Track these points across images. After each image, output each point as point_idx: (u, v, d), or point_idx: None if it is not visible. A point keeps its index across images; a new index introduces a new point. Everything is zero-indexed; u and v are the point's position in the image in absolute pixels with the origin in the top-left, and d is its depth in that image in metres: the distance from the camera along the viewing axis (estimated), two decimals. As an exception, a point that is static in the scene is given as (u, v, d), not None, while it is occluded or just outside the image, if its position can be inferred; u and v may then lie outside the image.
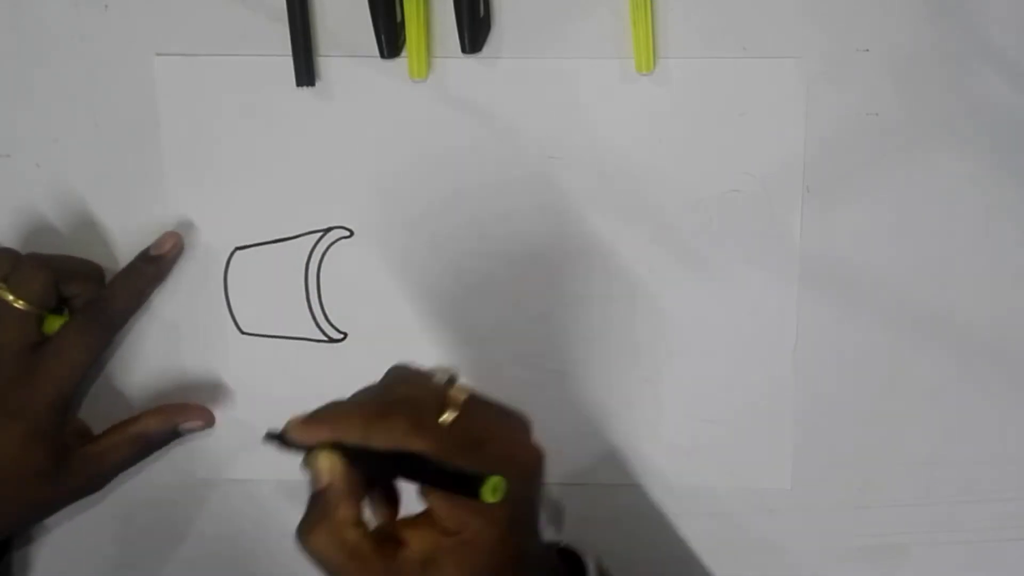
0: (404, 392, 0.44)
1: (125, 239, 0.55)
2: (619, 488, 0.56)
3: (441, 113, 0.53)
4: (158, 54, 0.53)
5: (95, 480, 0.54)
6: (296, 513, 0.57)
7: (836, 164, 0.53)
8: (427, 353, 0.55)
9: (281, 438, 0.44)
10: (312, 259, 0.55)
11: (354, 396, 0.45)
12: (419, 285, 0.55)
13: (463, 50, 0.52)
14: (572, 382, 0.55)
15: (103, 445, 0.53)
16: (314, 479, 0.43)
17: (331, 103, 0.53)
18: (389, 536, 0.42)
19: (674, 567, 0.56)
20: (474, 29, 0.51)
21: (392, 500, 0.47)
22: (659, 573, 0.56)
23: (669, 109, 0.53)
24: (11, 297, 0.50)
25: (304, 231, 0.55)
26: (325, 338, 0.55)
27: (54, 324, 0.52)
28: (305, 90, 0.53)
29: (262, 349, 0.55)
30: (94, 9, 0.53)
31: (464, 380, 0.46)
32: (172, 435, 0.55)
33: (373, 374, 0.55)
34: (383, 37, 0.52)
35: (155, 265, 0.54)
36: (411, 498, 0.44)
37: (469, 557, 0.41)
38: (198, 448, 0.56)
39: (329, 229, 0.55)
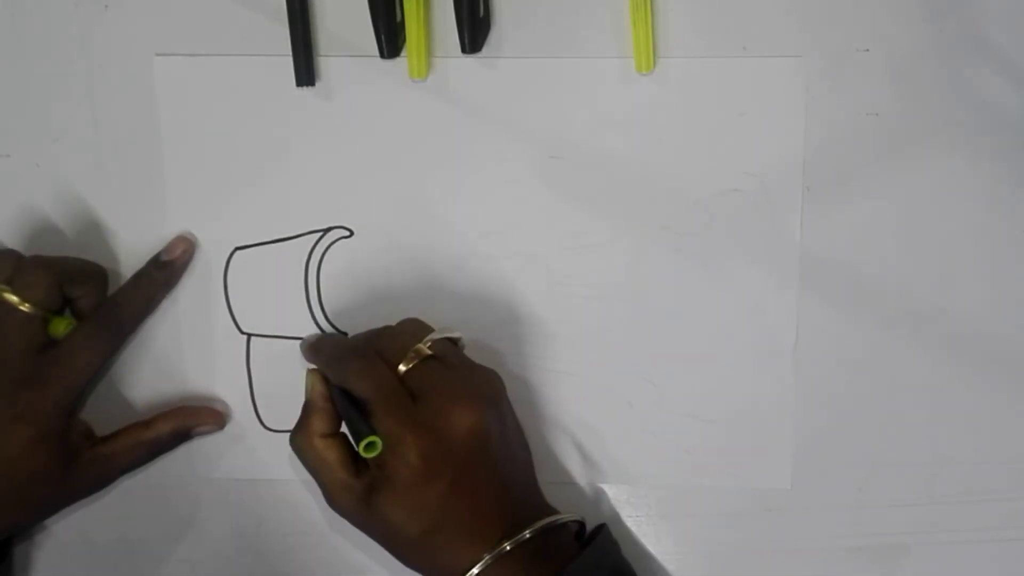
0: (384, 341, 0.50)
1: (126, 239, 0.55)
2: (619, 488, 0.56)
3: (441, 113, 0.53)
4: (158, 54, 0.53)
5: (100, 480, 0.54)
6: (295, 512, 0.57)
7: (836, 164, 0.53)
8: (427, 353, 0.55)
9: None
10: (312, 259, 0.55)
11: (358, 335, 0.53)
12: (419, 285, 0.55)
13: (463, 50, 0.52)
14: (572, 382, 0.55)
15: (113, 448, 0.53)
16: (306, 390, 0.51)
17: (331, 103, 0.53)
18: (365, 460, 0.48)
19: (674, 567, 0.56)
20: (474, 29, 0.51)
21: None
22: (659, 573, 0.56)
23: (669, 109, 0.53)
24: (15, 299, 0.50)
25: (304, 231, 0.55)
26: (325, 338, 0.55)
27: (59, 326, 0.52)
28: (305, 90, 0.53)
29: (262, 349, 0.55)
30: (94, 9, 0.53)
31: (465, 344, 0.52)
32: (184, 438, 0.55)
33: (373, 374, 0.55)
34: (383, 37, 0.52)
35: (166, 271, 0.54)
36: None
37: (391, 490, 0.47)
38: (198, 447, 0.56)
39: (329, 229, 0.55)
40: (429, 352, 0.49)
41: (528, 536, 0.47)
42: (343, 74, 0.53)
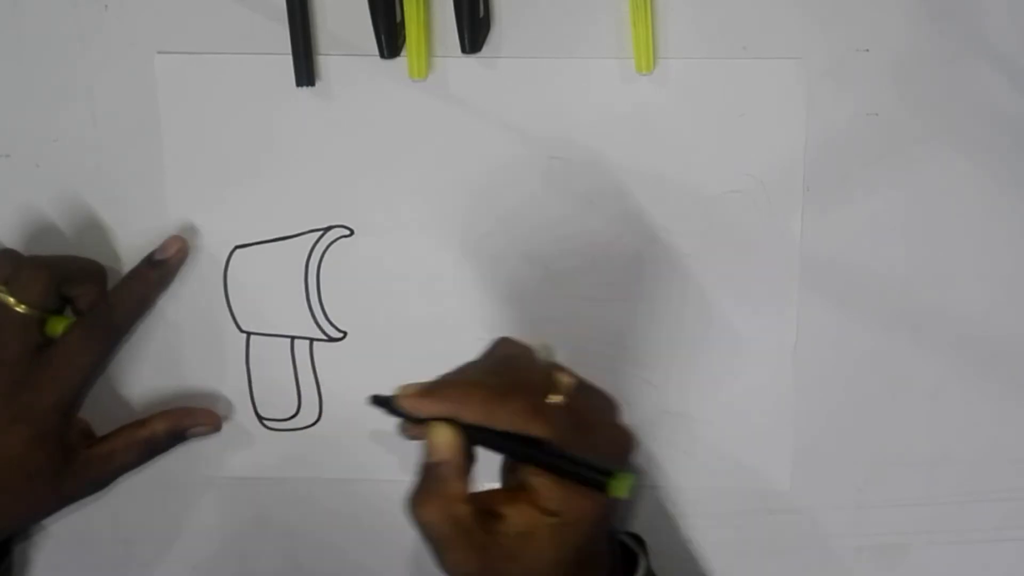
0: (518, 373, 0.45)
1: (126, 239, 0.55)
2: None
3: (441, 113, 0.53)
4: (159, 52, 0.53)
5: (99, 481, 0.54)
6: (295, 512, 0.57)
7: (836, 164, 0.53)
8: (426, 352, 0.55)
9: (388, 404, 0.45)
10: (312, 258, 0.55)
11: (464, 370, 0.46)
12: (419, 285, 0.55)
13: (463, 50, 0.52)
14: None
15: (109, 447, 0.53)
16: (430, 451, 0.44)
17: (331, 103, 0.54)
18: (486, 507, 0.43)
19: (674, 567, 0.56)
20: (474, 29, 0.51)
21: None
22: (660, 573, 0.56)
23: (669, 109, 0.53)
24: (12, 300, 0.50)
25: (304, 230, 0.55)
26: (325, 337, 0.55)
27: (57, 326, 0.52)
28: (305, 90, 0.53)
29: (262, 348, 0.55)
30: (94, 9, 0.53)
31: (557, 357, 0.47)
32: (179, 439, 0.55)
33: (373, 373, 0.55)
34: (383, 37, 0.52)
35: (159, 270, 0.54)
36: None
37: (566, 537, 0.42)
38: (198, 447, 0.56)
39: (329, 228, 0.55)
40: (570, 379, 0.45)
41: None
42: (343, 74, 0.53)
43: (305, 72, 0.53)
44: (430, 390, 0.44)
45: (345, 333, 0.55)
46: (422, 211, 0.54)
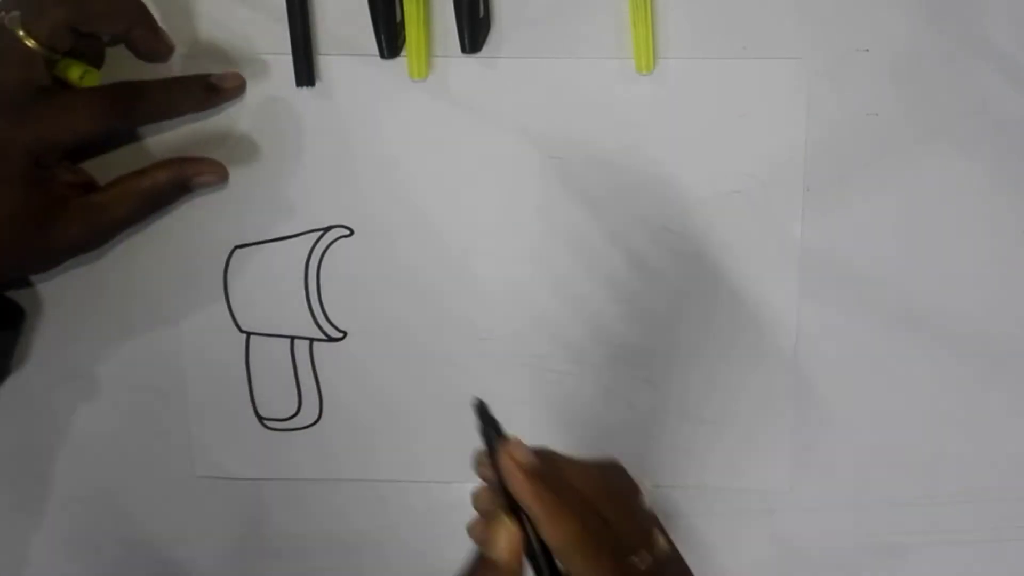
0: (619, 523, 0.41)
1: (124, 237, 0.55)
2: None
3: (441, 113, 0.53)
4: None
5: (97, 233, 0.51)
6: (295, 512, 0.57)
7: (836, 164, 0.53)
8: (426, 352, 0.55)
9: (488, 432, 0.42)
10: (312, 258, 0.55)
11: (572, 485, 0.41)
12: (419, 285, 0.55)
13: (463, 50, 0.52)
14: (572, 382, 0.55)
15: (107, 197, 0.50)
16: (490, 544, 0.41)
17: (331, 103, 0.54)
18: None
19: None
20: (474, 29, 0.51)
21: None
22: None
23: (669, 109, 0.53)
24: (21, 32, 0.46)
25: (304, 230, 0.55)
26: (325, 337, 0.55)
27: (71, 69, 0.49)
28: (305, 90, 0.53)
29: (262, 348, 0.55)
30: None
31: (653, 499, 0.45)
32: (183, 190, 0.52)
33: (373, 373, 0.55)
34: (383, 37, 0.52)
35: (207, 91, 0.51)
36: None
37: None
38: (198, 447, 0.56)
39: (329, 228, 0.55)
40: (667, 545, 0.42)
41: None
42: (343, 74, 0.53)
43: (305, 72, 0.53)
44: (536, 477, 0.40)
45: (345, 333, 0.55)
46: (422, 211, 0.54)
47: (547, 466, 0.41)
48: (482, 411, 0.42)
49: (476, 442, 0.55)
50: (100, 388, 0.56)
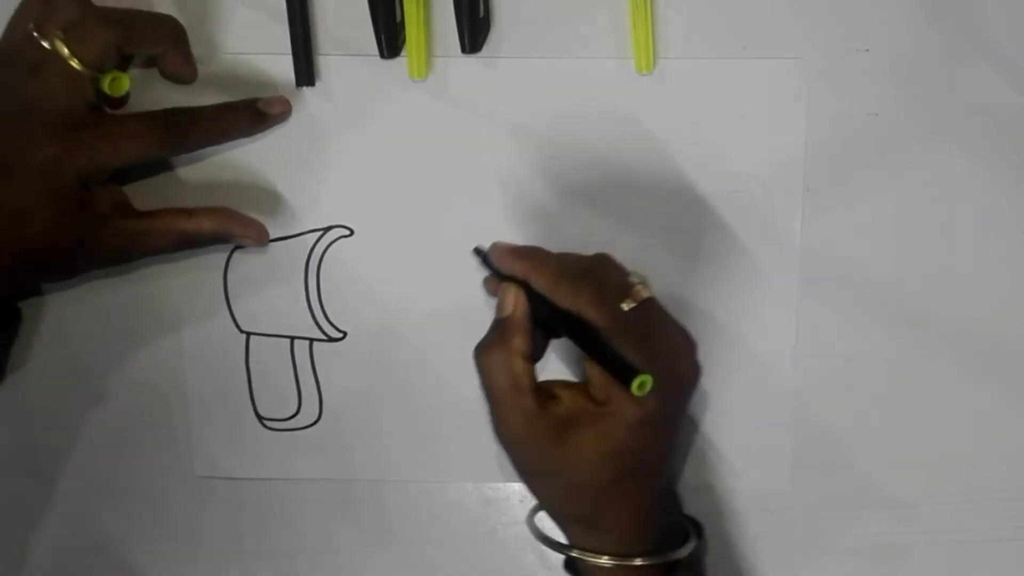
0: (600, 269, 0.49)
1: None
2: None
3: (441, 113, 0.53)
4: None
5: (124, 254, 0.52)
6: (295, 512, 0.57)
7: (836, 164, 0.53)
8: (426, 352, 0.55)
9: (485, 256, 0.50)
10: (312, 258, 0.55)
11: (559, 254, 0.49)
12: (419, 285, 0.55)
13: (463, 50, 0.52)
14: (572, 382, 0.55)
15: (146, 226, 0.51)
16: (500, 307, 0.49)
17: (331, 103, 0.54)
18: (545, 390, 0.48)
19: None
20: (474, 29, 0.51)
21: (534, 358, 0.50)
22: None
23: (669, 109, 0.53)
24: (66, 52, 0.47)
25: (304, 230, 0.55)
26: (325, 337, 0.55)
27: (113, 82, 0.49)
28: (305, 90, 0.53)
29: (262, 348, 0.55)
30: (94, 9, 0.53)
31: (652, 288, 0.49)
32: (222, 241, 0.53)
33: (373, 373, 0.55)
34: (383, 37, 0.52)
35: (255, 117, 0.52)
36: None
37: (608, 431, 0.46)
38: (198, 447, 0.56)
39: (329, 228, 0.55)
40: (648, 294, 0.48)
41: (676, 558, 0.48)
42: (343, 74, 0.53)
43: (305, 72, 0.53)
44: (516, 251, 0.49)
45: (345, 333, 0.55)
46: (422, 211, 0.54)
47: (530, 248, 0.50)
48: (477, 251, 0.51)
49: (475, 443, 0.56)
50: (100, 388, 0.56)
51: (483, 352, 0.48)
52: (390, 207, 0.54)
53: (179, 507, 0.57)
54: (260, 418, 0.56)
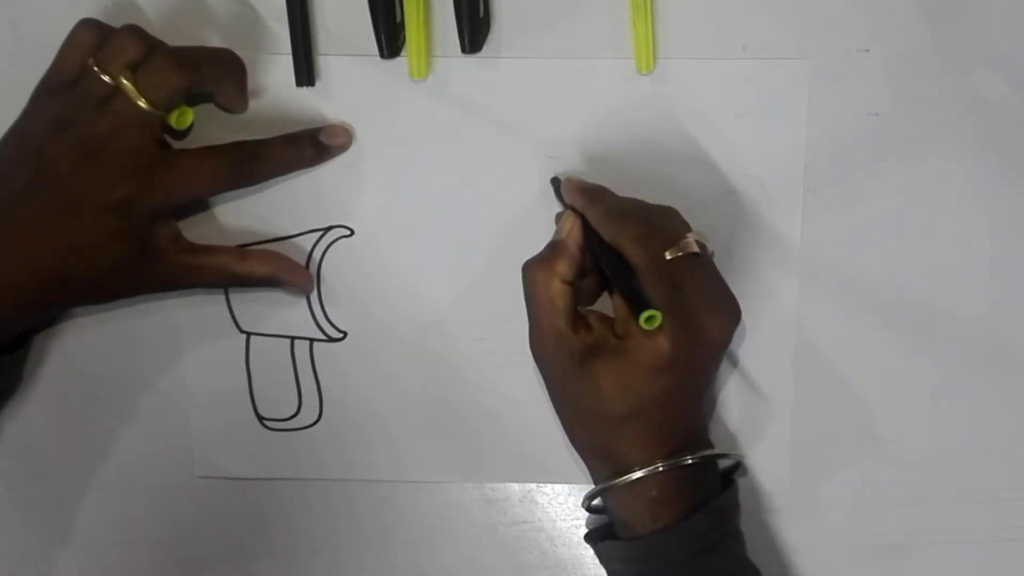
0: (654, 216, 0.50)
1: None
2: (619, 488, 0.56)
3: (441, 113, 0.53)
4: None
5: (172, 284, 0.53)
6: (295, 512, 0.57)
7: (836, 164, 0.53)
8: (426, 352, 0.55)
9: (558, 187, 0.53)
10: (312, 258, 0.55)
11: (623, 197, 0.51)
12: (419, 285, 0.55)
13: (463, 50, 0.52)
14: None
15: (200, 263, 0.52)
16: (557, 230, 0.51)
17: (331, 103, 0.54)
18: (583, 317, 0.50)
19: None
20: (474, 29, 0.51)
21: (590, 298, 0.53)
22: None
23: (669, 109, 0.53)
24: (134, 91, 0.48)
25: (304, 230, 0.55)
26: (325, 337, 0.55)
27: (186, 118, 0.50)
28: (305, 90, 0.53)
29: (262, 347, 0.55)
30: (94, 9, 0.53)
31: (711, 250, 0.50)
32: (271, 285, 0.54)
33: (373, 373, 0.55)
34: (383, 37, 0.52)
35: (316, 149, 0.53)
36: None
37: (621, 363, 0.47)
38: (198, 447, 0.56)
39: (329, 228, 0.55)
40: (696, 249, 0.48)
41: (691, 461, 0.49)
42: (343, 74, 0.53)
43: (305, 72, 0.53)
44: (580, 185, 0.51)
45: (345, 333, 0.55)
46: (422, 211, 0.54)
47: (595, 185, 0.52)
48: (554, 181, 0.53)
49: (476, 442, 0.56)
50: (100, 388, 0.56)
51: (529, 266, 0.50)
52: (390, 207, 0.54)
53: (179, 507, 0.57)
54: (260, 418, 0.56)
